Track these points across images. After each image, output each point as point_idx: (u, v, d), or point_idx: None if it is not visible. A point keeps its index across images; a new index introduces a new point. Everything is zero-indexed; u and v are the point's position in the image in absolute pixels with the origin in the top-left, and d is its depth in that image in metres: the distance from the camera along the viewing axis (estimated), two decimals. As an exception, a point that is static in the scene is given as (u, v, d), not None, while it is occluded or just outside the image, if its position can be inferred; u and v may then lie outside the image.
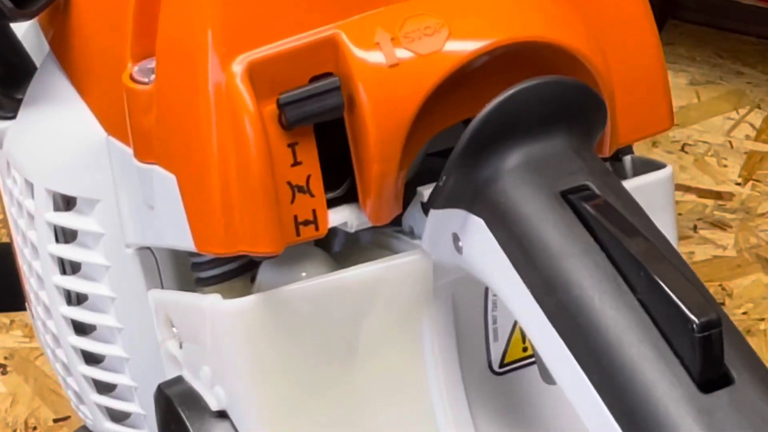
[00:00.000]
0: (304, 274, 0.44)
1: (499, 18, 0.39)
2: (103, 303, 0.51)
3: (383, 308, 0.42)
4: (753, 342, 1.16)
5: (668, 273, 0.35)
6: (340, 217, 0.41)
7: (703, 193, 1.32)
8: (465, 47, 0.38)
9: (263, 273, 0.45)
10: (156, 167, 0.43)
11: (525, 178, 0.37)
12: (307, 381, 0.43)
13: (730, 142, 1.38)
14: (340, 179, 0.40)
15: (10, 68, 0.53)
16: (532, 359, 0.45)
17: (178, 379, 0.46)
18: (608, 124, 0.42)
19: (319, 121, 0.39)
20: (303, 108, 0.39)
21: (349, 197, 0.41)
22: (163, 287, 0.49)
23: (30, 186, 0.51)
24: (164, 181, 0.42)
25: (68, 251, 0.51)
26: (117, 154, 0.46)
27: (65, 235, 0.51)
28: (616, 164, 0.49)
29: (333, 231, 0.42)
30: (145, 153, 0.43)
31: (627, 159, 0.50)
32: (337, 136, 0.40)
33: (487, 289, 0.45)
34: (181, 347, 0.47)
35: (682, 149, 1.37)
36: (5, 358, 1.19)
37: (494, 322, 0.45)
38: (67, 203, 0.50)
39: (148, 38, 0.43)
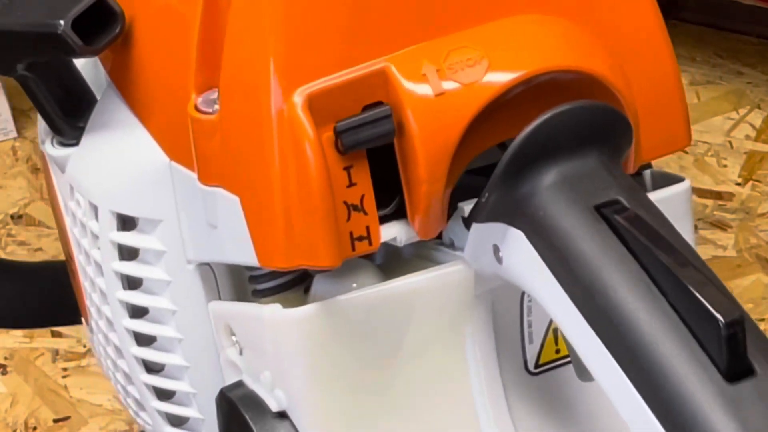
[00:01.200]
0: (354, 285, 0.47)
1: (533, 49, 0.43)
2: (164, 315, 0.55)
3: (429, 315, 0.46)
4: (753, 342, 1.16)
5: (695, 277, 0.40)
6: (391, 232, 0.45)
7: (703, 193, 1.32)
8: (503, 77, 0.42)
9: (317, 284, 0.49)
10: (220, 189, 0.47)
11: (561, 194, 0.41)
12: (359, 383, 0.47)
13: (730, 142, 1.38)
14: (390, 197, 0.44)
15: (73, 98, 0.56)
16: (565, 360, 0.49)
17: (239, 384, 0.50)
18: (633, 143, 0.46)
19: (372, 146, 0.43)
20: (357, 135, 0.42)
21: (398, 214, 0.45)
22: (220, 299, 0.53)
23: (94, 208, 0.55)
24: (228, 202, 0.46)
25: (131, 268, 0.55)
26: (179, 177, 0.50)
27: (128, 253, 0.55)
28: (637, 178, 0.52)
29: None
30: (209, 177, 0.48)
31: (647, 173, 0.53)
32: (387, 158, 0.43)
33: (522, 296, 0.48)
34: (241, 354, 0.50)
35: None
36: (5, 358, 1.19)
37: (529, 326, 0.49)
38: (130, 223, 0.54)
39: (210, 71, 0.47)
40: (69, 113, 0.56)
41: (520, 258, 0.42)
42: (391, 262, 0.48)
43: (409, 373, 0.48)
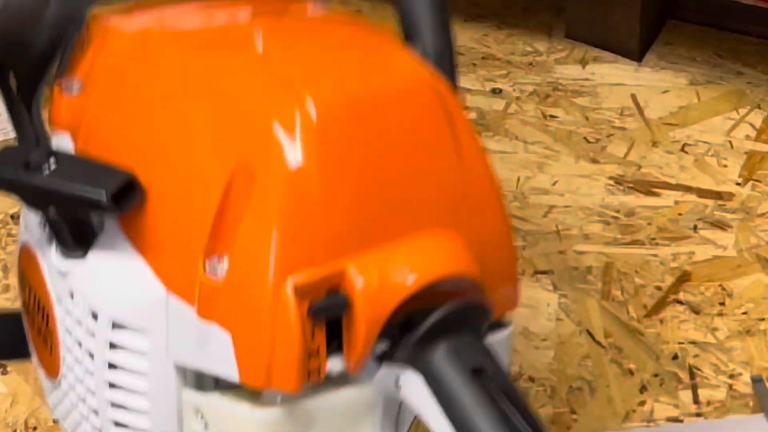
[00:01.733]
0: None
1: (438, 258, 0.64)
2: (139, 391, 0.69)
3: (356, 413, 0.66)
4: (753, 342, 1.16)
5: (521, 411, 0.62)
6: (332, 366, 0.63)
7: (703, 193, 1.32)
8: (417, 280, 0.63)
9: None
10: (215, 326, 0.63)
11: (450, 358, 0.63)
12: None
13: (730, 142, 1.38)
14: (332, 341, 0.63)
15: (81, 228, 0.69)
16: None
17: None
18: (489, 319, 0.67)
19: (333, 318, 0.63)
20: (323, 311, 0.62)
21: (337, 351, 0.64)
22: (186, 385, 0.67)
23: (94, 314, 0.68)
24: (221, 335, 0.63)
25: (118, 358, 0.68)
26: (175, 305, 0.65)
27: (117, 347, 0.69)
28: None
29: None
30: (206, 314, 0.64)
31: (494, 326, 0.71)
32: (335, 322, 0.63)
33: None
34: (206, 428, 0.66)
35: (682, 149, 1.37)
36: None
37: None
38: (122, 328, 0.68)
39: (219, 240, 0.63)
40: (76, 239, 0.70)
41: (417, 392, 0.63)
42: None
43: None
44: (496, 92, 1.46)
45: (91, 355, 0.70)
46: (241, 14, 0.75)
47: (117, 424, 0.70)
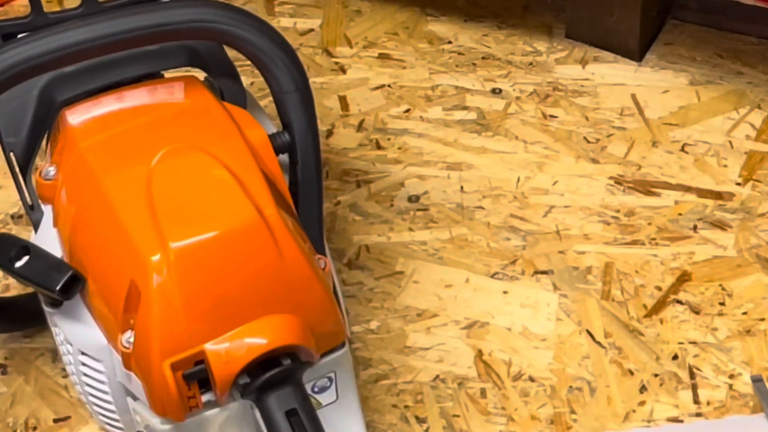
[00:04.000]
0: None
1: (270, 334, 0.92)
2: (106, 392, 1.01)
3: (231, 420, 0.96)
4: (753, 342, 1.16)
5: None
6: (208, 397, 0.93)
7: (703, 193, 1.32)
8: (260, 346, 0.91)
9: None
10: (133, 374, 0.94)
11: (274, 403, 0.92)
12: None
13: (730, 142, 1.38)
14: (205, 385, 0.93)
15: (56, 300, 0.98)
16: None
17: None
18: (310, 354, 0.95)
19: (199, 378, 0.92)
20: (192, 377, 0.91)
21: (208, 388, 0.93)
22: (132, 398, 0.98)
23: (69, 343, 1.00)
24: (137, 380, 0.94)
25: (90, 372, 1.00)
26: (113, 353, 0.96)
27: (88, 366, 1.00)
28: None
29: None
30: (127, 367, 0.94)
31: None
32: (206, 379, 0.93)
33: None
34: (140, 423, 0.97)
35: (682, 149, 1.37)
36: (5, 358, 1.19)
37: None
38: (89, 357, 0.99)
39: (127, 321, 0.93)
40: (56, 303, 0.98)
41: (260, 420, 0.93)
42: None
43: None
44: (496, 92, 1.46)
45: (72, 363, 1.01)
46: (150, 123, 1.02)
47: (96, 405, 1.02)
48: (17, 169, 1.06)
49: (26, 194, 1.05)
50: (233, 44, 1.01)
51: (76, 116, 1.02)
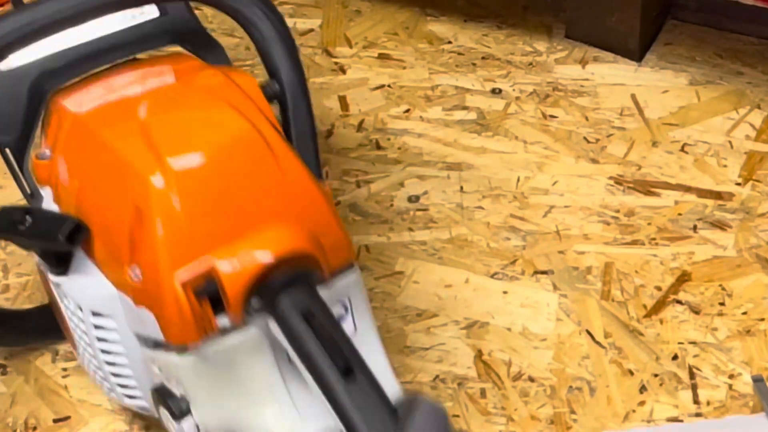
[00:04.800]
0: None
1: (279, 242, 0.93)
2: (120, 353, 1.02)
3: (251, 348, 0.95)
4: (753, 342, 1.16)
5: (336, 346, 0.90)
6: (221, 323, 0.93)
7: (703, 193, 1.32)
8: (266, 258, 0.92)
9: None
10: (144, 309, 0.95)
11: (288, 307, 0.91)
12: (219, 382, 0.96)
13: (730, 142, 1.38)
14: (218, 305, 0.93)
15: (61, 256, 1.00)
16: None
17: (161, 384, 0.98)
18: (320, 269, 0.95)
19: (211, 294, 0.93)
20: (203, 293, 0.92)
21: (222, 310, 0.93)
22: (147, 347, 0.99)
23: (80, 307, 1.01)
24: (149, 315, 0.95)
25: (102, 334, 1.01)
26: (122, 299, 0.97)
27: (100, 327, 1.01)
28: (333, 276, 0.98)
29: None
30: (137, 302, 0.95)
31: (340, 273, 0.99)
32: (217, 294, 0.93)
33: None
34: (160, 371, 0.98)
35: (682, 149, 1.37)
36: (5, 358, 1.19)
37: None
38: (99, 315, 1.00)
39: (133, 256, 0.94)
40: (61, 263, 1.00)
41: (276, 331, 0.92)
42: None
43: (246, 369, 0.96)
44: (496, 92, 1.46)
45: (86, 333, 1.02)
46: (139, 86, 1.05)
47: (114, 374, 1.03)
48: (14, 164, 1.09)
49: (25, 184, 1.08)
50: (211, 2, 1.06)
51: (65, 96, 1.05)
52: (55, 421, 1.13)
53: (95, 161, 1.00)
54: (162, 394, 0.97)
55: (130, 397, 1.04)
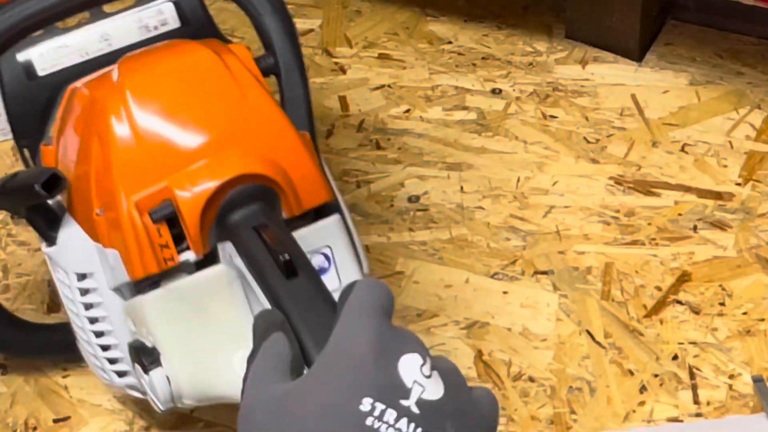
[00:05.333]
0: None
1: (231, 163, 0.93)
2: (104, 317, 1.01)
3: (217, 284, 0.94)
4: (753, 342, 1.16)
5: (280, 250, 0.86)
6: (184, 257, 0.94)
7: (703, 193, 1.32)
8: (216, 179, 0.92)
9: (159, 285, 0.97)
10: (111, 249, 0.96)
11: (240, 223, 0.91)
12: (188, 322, 0.94)
13: (730, 143, 1.38)
14: (180, 240, 0.94)
15: (52, 221, 1.02)
16: None
17: (136, 339, 0.97)
18: (287, 202, 0.95)
19: (167, 218, 0.93)
20: (159, 215, 0.93)
21: (186, 248, 0.94)
22: (126, 299, 0.99)
23: (66, 272, 1.01)
24: (114, 254, 0.96)
25: (86, 299, 1.01)
26: (98, 248, 0.98)
27: (83, 291, 1.01)
28: (306, 218, 0.98)
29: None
30: (105, 244, 0.97)
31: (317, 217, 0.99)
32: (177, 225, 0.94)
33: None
34: (134, 325, 0.96)
35: (682, 149, 1.37)
36: (5, 358, 1.19)
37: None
38: (82, 276, 1.00)
39: (97, 197, 0.96)
40: (50, 230, 1.02)
41: (233, 254, 0.91)
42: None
43: (215, 311, 0.94)
44: (496, 92, 1.46)
45: (74, 303, 1.02)
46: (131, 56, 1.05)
47: (102, 347, 1.02)
48: (31, 163, 1.11)
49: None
50: None
51: (73, 84, 1.08)
52: (55, 421, 1.13)
53: (80, 120, 1.02)
54: (135, 349, 0.96)
55: (120, 373, 1.02)
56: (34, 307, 1.23)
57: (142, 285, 0.95)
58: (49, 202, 1.01)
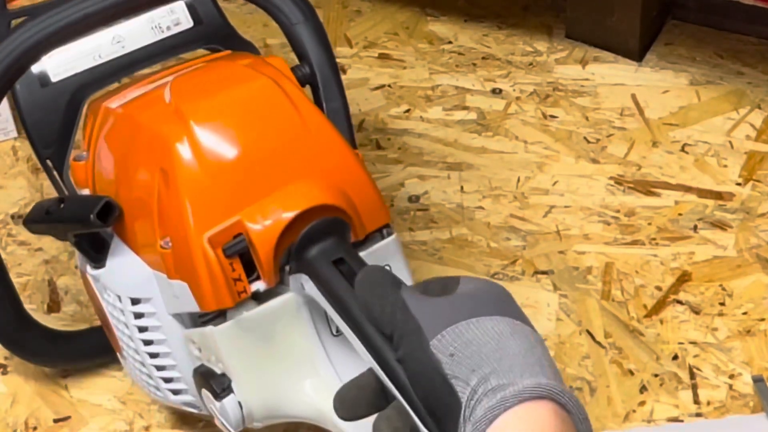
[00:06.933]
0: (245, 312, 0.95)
1: (302, 197, 0.92)
2: (161, 340, 1.01)
3: (285, 315, 0.95)
4: (753, 342, 1.16)
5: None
6: (254, 287, 0.93)
7: (703, 193, 1.32)
8: (288, 215, 0.92)
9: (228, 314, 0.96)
10: (178, 281, 0.95)
11: (318, 256, 0.91)
12: (258, 353, 0.95)
13: (730, 142, 1.38)
14: (251, 271, 0.93)
15: (99, 247, 1.01)
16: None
17: (201, 365, 0.97)
18: (354, 229, 0.95)
19: (240, 253, 0.93)
20: (233, 251, 0.92)
21: (257, 277, 0.94)
22: (185, 327, 0.98)
23: (119, 296, 1.00)
24: (183, 286, 0.94)
25: (142, 322, 1.00)
26: (157, 277, 0.97)
27: (138, 315, 1.00)
28: (368, 242, 0.98)
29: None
30: (171, 275, 0.95)
31: (382, 239, 0.99)
32: (248, 256, 0.93)
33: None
34: (200, 351, 0.96)
35: (682, 149, 1.37)
36: (5, 358, 1.19)
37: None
38: (137, 301, 0.99)
39: (162, 227, 0.95)
40: (99, 254, 1.01)
41: (309, 286, 0.90)
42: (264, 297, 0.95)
43: (284, 337, 0.94)
44: (496, 92, 1.46)
45: (126, 326, 1.01)
46: (171, 76, 1.05)
47: (157, 367, 1.02)
48: (54, 173, 1.11)
49: (65, 190, 1.10)
50: None
51: (102, 100, 1.07)
52: (56, 421, 1.13)
53: (128, 144, 1.00)
54: (203, 375, 0.96)
55: (176, 392, 1.03)
56: (35, 307, 1.23)
57: (208, 315, 0.94)
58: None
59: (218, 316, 0.94)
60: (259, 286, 0.93)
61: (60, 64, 1.12)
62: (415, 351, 0.74)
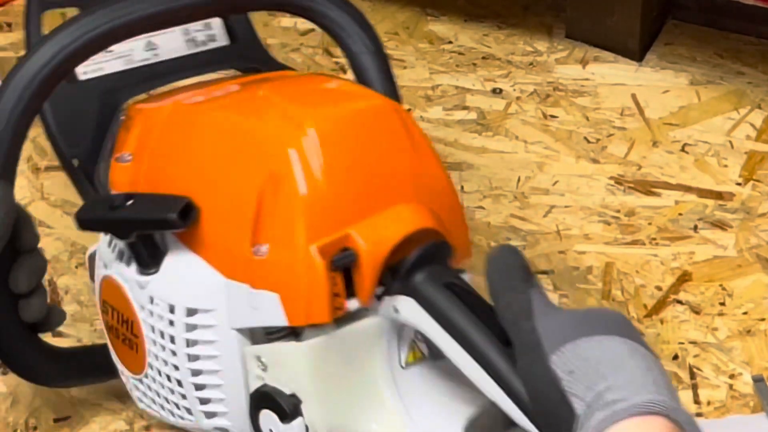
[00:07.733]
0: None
1: (407, 221, 0.91)
2: (212, 355, 0.95)
3: (366, 338, 0.92)
4: (753, 342, 1.16)
5: (485, 314, 0.85)
6: (351, 305, 0.90)
7: (703, 193, 1.32)
8: (400, 232, 0.90)
9: (308, 331, 0.92)
10: (264, 291, 0.90)
11: (429, 279, 0.88)
12: (332, 377, 0.91)
13: (730, 142, 1.38)
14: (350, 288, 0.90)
15: (156, 250, 0.95)
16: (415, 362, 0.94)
17: (264, 385, 0.92)
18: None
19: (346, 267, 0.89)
20: (340, 263, 0.88)
21: (353, 295, 0.90)
22: (251, 344, 0.94)
23: (172, 307, 0.94)
24: (270, 296, 0.90)
25: (195, 335, 0.95)
26: (233, 287, 0.92)
27: (190, 327, 0.95)
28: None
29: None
30: (257, 285, 0.90)
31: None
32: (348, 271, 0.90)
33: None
34: (265, 370, 0.92)
35: (682, 149, 1.38)
36: (5, 357, 1.19)
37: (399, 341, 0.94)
38: (193, 311, 0.94)
39: (259, 232, 0.90)
40: (153, 258, 0.95)
41: (411, 309, 0.88)
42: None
43: (362, 361, 0.91)
44: (496, 92, 1.46)
45: (172, 339, 0.95)
46: (237, 84, 1.03)
47: (197, 387, 0.95)
48: (82, 174, 1.09)
49: (91, 192, 1.07)
50: (303, 15, 1.09)
51: (148, 103, 1.03)
52: (56, 420, 1.13)
53: (209, 144, 0.95)
54: (267, 395, 0.91)
55: (210, 414, 0.97)
56: (35, 307, 1.23)
57: (281, 331, 0.92)
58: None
59: (291, 333, 0.91)
60: (353, 305, 0.90)
61: (88, 62, 1.06)
62: (536, 366, 0.76)
